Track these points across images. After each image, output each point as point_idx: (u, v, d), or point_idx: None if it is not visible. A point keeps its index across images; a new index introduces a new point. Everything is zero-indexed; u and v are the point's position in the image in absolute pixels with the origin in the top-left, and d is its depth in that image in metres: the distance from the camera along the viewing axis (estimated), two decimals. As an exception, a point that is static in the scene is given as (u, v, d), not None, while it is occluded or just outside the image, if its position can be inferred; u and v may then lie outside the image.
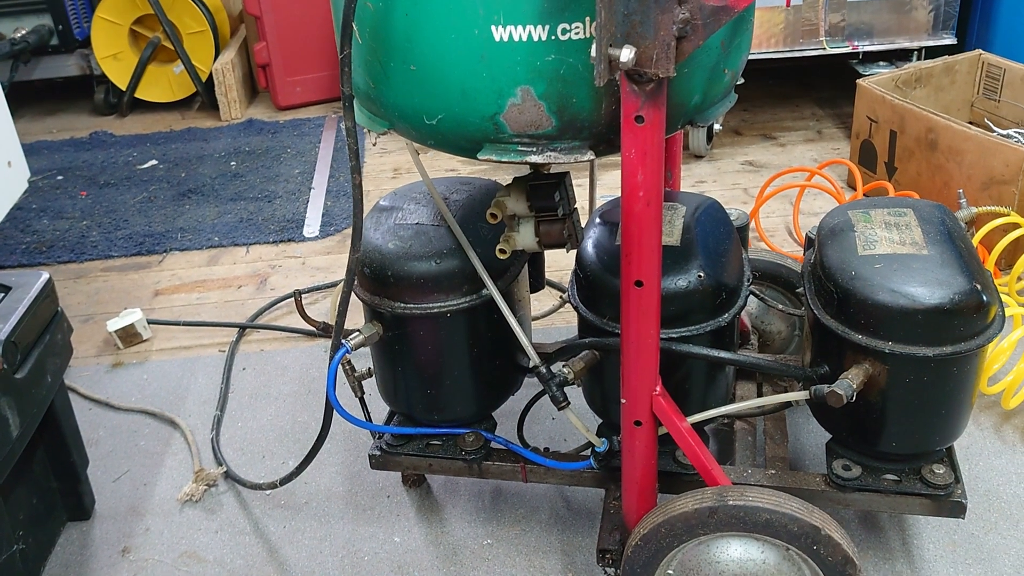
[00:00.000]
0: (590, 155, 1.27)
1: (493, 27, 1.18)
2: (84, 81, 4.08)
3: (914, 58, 3.24)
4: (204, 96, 3.97)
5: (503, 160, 1.28)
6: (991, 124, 2.92)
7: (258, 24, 3.86)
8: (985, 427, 1.99)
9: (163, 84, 4.01)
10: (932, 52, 3.18)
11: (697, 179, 3.12)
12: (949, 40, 3.20)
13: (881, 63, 3.27)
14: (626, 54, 1.10)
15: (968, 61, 2.98)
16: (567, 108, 1.22)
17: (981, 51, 2.99)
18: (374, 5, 1.24)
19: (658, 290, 1.29)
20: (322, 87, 3.97)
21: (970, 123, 2.98)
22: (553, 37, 1.17)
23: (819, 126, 3.45)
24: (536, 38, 1.18)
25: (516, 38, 1.18)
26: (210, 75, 3.90)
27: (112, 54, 3.93)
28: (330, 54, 3.86)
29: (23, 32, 3.85)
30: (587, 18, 1.17)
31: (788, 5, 1.92)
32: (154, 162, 3.55)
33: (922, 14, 3.19)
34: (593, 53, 1.10)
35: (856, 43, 3.19)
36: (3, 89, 2.59)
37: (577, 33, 1.18)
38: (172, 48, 3.89)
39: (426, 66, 1.24)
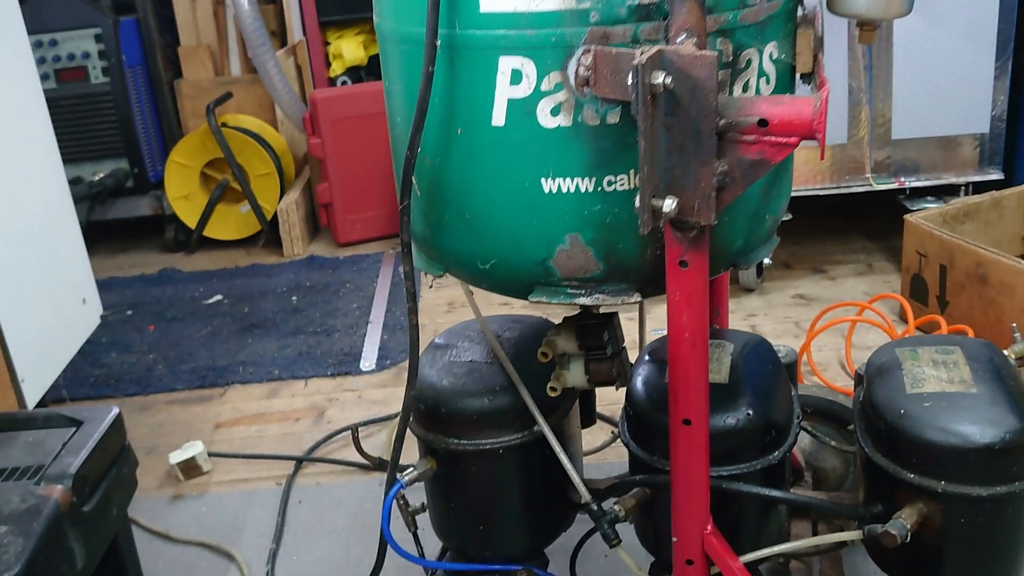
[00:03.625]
0: (637, 297, 1.32)
1: (543, 180, 1.25)
2: (155, 220, 4.28)
3: (961, 193, 3.27)
4: (268, 234, 4.13)
5: (553, 302, 1.34)
6: (1043, 257, 2.93)
7: (321, 166, 4.04)
8: (1051, 568, 1.93)
9: (230, 223, 4.20)
10: (979, 186, 3.22)
11: (748, 312, 3.15)
12: (996, 175, 3.23)
13: (929, 197, 3.31)
14: (668, 204, 1.16)
15: (1016, 196, 3.01)
16: (614, 253, 1.28)
17: (1029, 186, 3.03)
18: (431, 161, 1.33)
19: (706, 429, 1.32)
20: (380, 224, 4.11)
21: (1021, 256, 2.99)
22: (599, 189, 1.24)
23: (869, 259, 3.48)
24: (583, 190, 1.25)
25: (564, 190, 1.25)
26: (275, 214, 4.07)
27: (183, 195, 4.13)
28: (388, 194, 4.01)
29: (101, 175, 4.06)
30: (631, 171, 1.24)
31: (822, 159, 1.98)
32: (219, 297, 3.69)
33: (968, 150, 3.24)
34: (637, 204, 1.16)
35: (903, 179, 3.24)
36: (81, 229, 2.75)
37: (622, 184, 1.24)
38: (240, 189, 4.09)
39: (479, 216, 1.31)
